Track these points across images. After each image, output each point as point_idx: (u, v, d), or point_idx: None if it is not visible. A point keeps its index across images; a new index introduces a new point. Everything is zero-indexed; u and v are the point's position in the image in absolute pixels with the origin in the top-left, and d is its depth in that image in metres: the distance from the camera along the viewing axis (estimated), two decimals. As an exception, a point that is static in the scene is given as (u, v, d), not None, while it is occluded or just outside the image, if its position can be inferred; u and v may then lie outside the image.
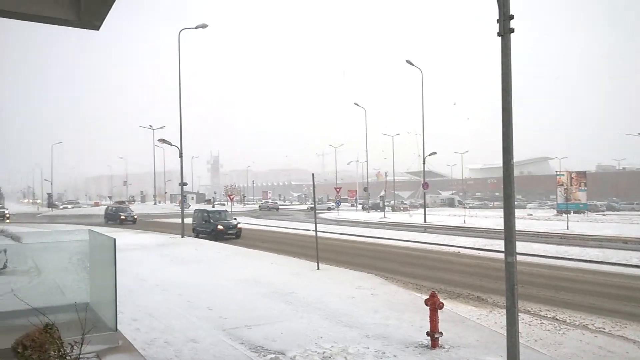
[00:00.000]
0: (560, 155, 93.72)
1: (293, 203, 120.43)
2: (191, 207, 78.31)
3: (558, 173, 53.67)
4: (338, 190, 56.81)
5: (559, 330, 9.53)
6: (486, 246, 22.48)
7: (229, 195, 59.59)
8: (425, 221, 41.55)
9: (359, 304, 11.07)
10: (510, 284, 6.31)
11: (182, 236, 27.99)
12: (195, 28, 30.45)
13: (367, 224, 41.72)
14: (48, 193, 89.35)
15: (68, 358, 5.31)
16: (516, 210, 9.13)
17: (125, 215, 43.80)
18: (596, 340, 8.89)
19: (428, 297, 8.14)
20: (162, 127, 68.57)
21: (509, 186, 6.44)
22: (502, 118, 6.45)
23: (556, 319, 10.38)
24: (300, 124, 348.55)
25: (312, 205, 76.84)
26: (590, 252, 19.94)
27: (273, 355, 7.55)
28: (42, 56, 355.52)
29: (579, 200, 50.17)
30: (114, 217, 44.17)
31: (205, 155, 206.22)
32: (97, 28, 6.92)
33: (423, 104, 43.73)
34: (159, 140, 32.93)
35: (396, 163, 76.48)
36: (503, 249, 6.65)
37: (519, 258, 9.62)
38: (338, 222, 44.67)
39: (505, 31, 6.37)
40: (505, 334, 6.46)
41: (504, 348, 6.43)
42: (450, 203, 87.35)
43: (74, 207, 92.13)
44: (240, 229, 29.64)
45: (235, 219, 30.74)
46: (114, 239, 7.44)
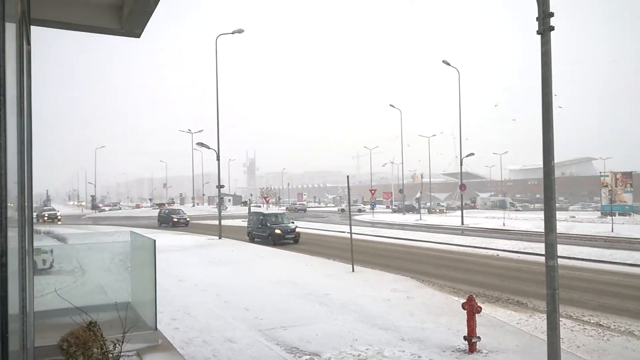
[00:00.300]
0: (604, 155, 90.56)
1: (328, 205, 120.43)
2: (229, 209, 79.78)
3: (602, 174, 51.99)
4: (373, 192, 56.53)
5: (603, 336, 9.20)
6: (526, 249, 21.94)
7: (265, 197, 60.25)
8: (462, 223, 40.85)
9: (395, 306, 10.99)
10: (551, 288, 6.14)
11: (220, 237, 28.47)
12: (232, 33, 30.91)
13: (403, 226, 41.35)
14: (92, 196, 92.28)
15: (110, 356, 5.48)
16: (558, 212, 8.88)
17: (177, 218, 43.91)
18: (643, 347, 8.55)
19: (465, 301, 8.01)
20: (201, 131, 69.69)
21: (549, 188, 6.28)
22: (542, 118, 6.30)
23: (600, 325, 10.03)
24: (335, 127, 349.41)
25: (342, 208, 77.37)
26: (636, 256, 19.19)
27: (308, 357, 7.59)
28: (87, 65, 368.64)
29: (625, 202, 48.47)
30: (167, 220, 44.47)
31: (242, 158, 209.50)
32: (138, 36, 7.13)
33: (460, 105, 43.11)
34: (197, 143, 33.59)
35: (432, 165, 75.63)
36: (544, 252, 6.48)
37: (561, 261, 9.36)
38: (373, 224, 44.44)
39: (544, 29, 6.22)
40: (546, 340, 6.29)
41: (545, 354, 6.25)
42: (502, 205, 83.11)
43: (110, 210, 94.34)
44: (298, 232, 27.92)
45: (292, 222, 29.30)
46: (154, 240, 7.61)
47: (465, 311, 7.87)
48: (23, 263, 3.96)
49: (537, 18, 6.27)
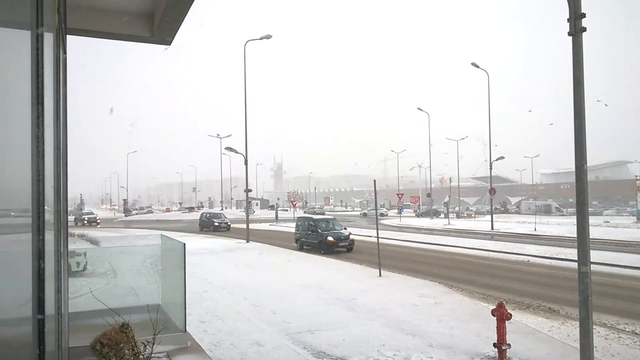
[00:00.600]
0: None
1: (354, 209, 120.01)
2: (256, 213, 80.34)
3: (638, 177, 50.35)
4: (400, 196, 56.13)
5: (639, 345, 8.92)
6: (558, 255, 21.41)
7: (292, 201, 60.42)
8: (492, 228, 40.19)
9: (422, 312, 10.89)
10: (584, 294, 6.01)
11: (247, 241, 28.72)
12: (260, 39, 31.24)
13: (431, 231, 40.91)
14: (124, 199, 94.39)
15: (141, 357, 5.60)
16: (591, 217, 8.68)
17: (219, 222, 43.89)
18: (682, 358, 8.25)
19: (495, 307, 7.87)
20: (229, 136, 70.60)
21: (582, 192, 6.16)
22: (574, 120, 6.19)
23: (635, 333, 9.73)
24: (362, 131, 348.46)
25: (365, 212, 76.81)
26: (675, 263, 18.52)
27: (335, 361, 7.58)
28: (118, 71, 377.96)
29: (663, 206, 46.76)
30: (208, 224, 44.48)
31: (269, 163, 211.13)
32: (169, 43, 7.31)
33: (489, 108, 42.45)
34: (226, 148, 34.01)
35: (461, 168, 74.56)
36: (576, 258, 6.34)
37: (594, 268, 9.12)
38: (400, 229, 44.11)
39: (576, 30, 6.12)
40: (579, 348, 6.15)
41: (577, 363, 6.12)
42: (547, 210, 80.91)
43: (137, 213, 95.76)
44: (352, 240, 25.12)
45: (345, 229, 26.56)
46: (184, 244, 7.75)
47: (495, 318, 7.74)
48: (58, 265, 4.09)
49: (568, 19, 6.17)
